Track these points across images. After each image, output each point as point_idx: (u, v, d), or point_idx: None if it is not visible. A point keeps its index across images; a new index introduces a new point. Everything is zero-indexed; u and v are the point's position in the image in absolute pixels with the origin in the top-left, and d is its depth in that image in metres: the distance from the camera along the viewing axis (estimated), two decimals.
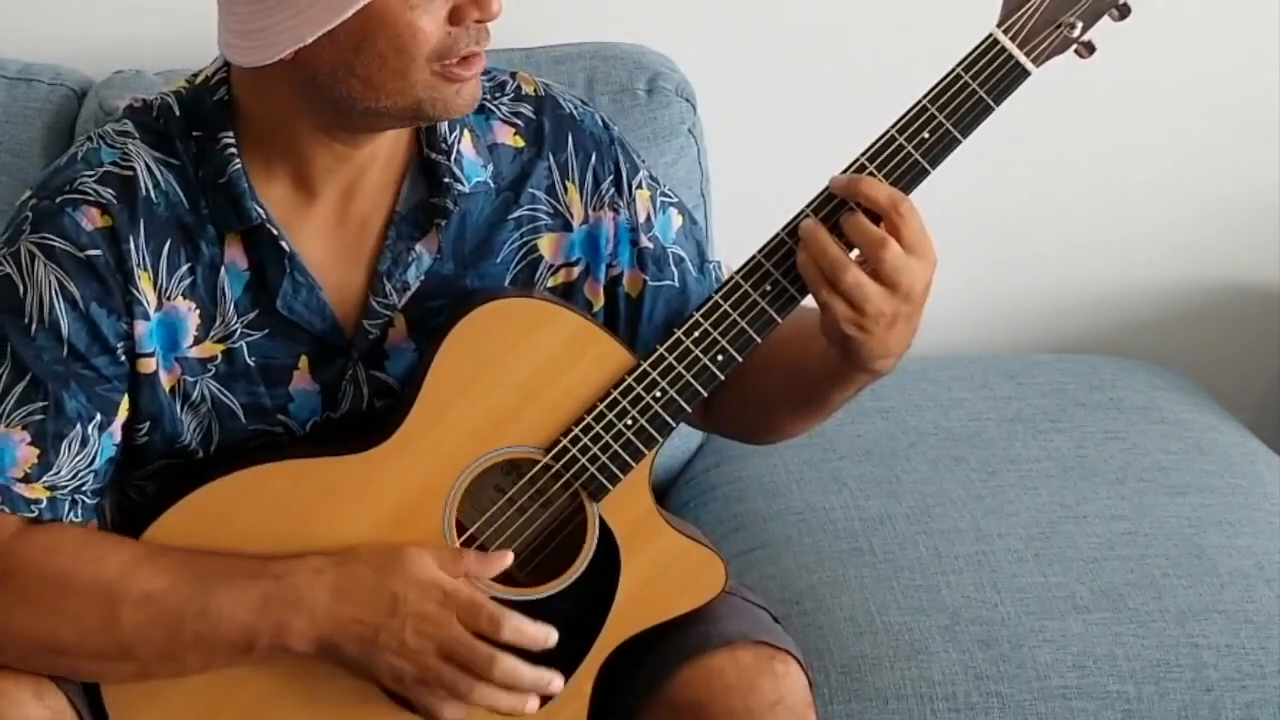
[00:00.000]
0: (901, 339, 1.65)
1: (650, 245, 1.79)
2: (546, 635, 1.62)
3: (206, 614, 1.60)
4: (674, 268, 1.81)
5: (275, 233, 1.66)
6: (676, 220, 1.83)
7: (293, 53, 1.57)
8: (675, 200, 1.84)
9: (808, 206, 1.63)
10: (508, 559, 1.65)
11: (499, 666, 1.60)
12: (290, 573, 1.61)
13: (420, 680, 1.61)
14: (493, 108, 1.75)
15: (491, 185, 1.73)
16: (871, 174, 1.62)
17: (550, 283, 1.76)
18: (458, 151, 1.71)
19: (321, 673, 1.66)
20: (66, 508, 1.65)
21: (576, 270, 1.77)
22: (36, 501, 1.63)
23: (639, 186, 1.79)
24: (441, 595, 1.60)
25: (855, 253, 1.62)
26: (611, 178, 1.77)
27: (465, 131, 1.73)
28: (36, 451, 1.63)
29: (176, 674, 1.64)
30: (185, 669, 1.63)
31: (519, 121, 1.76)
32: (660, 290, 1.80)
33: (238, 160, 1.65)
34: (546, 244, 1.75)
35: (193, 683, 1.65)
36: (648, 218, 1.79)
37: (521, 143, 1.75)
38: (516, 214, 1.75)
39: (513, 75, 1.79)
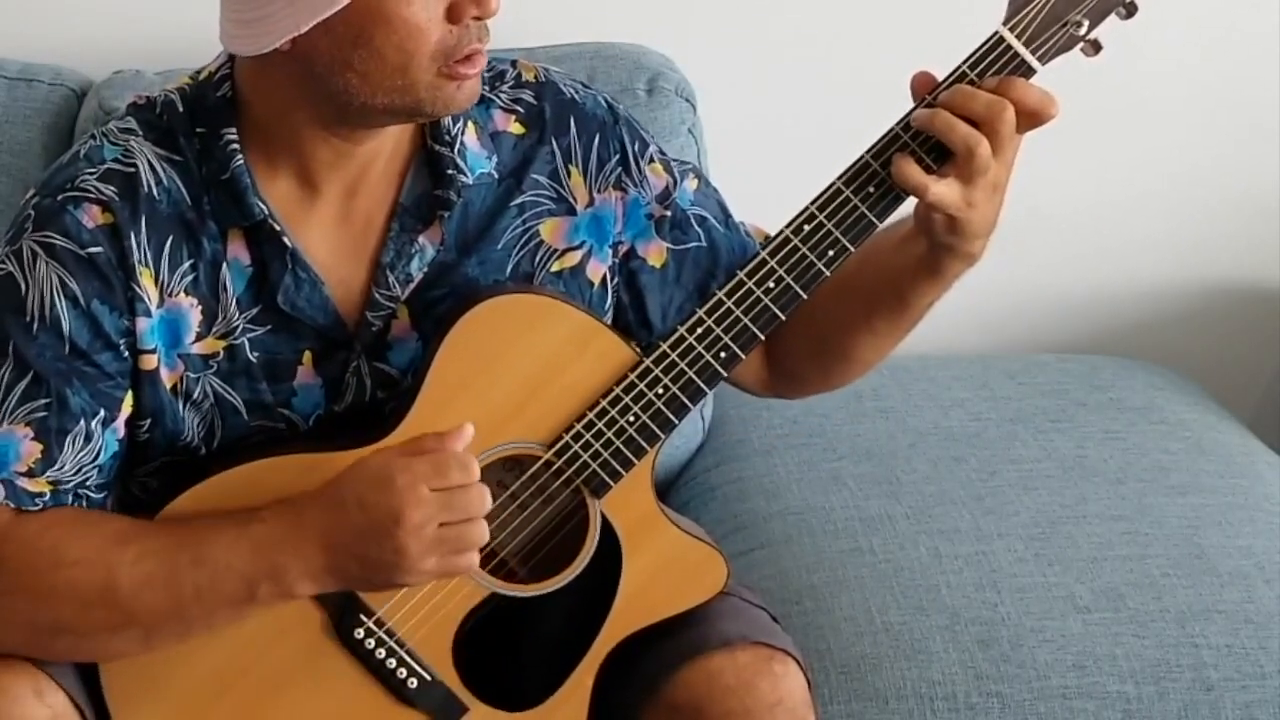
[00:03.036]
0: (997, 211, 1.66)
1: (670, 213, 1.79)
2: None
3: (202, 562, 1.59)
4: (698, 228, 1.81)
5: (277, 229, 1.66)
6: (692, 184, 1.83)
7: (290, 43, 1.57)
8: (690, 166, 1.84)
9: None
10: (469, 430, 1.60)
11: (485, 497, 1.58)
12: (276, 515, 1.61)
13: (439, 554, 1.58)
14: (493, 97, 1.75)
15: (494, 175, 1.74)
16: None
17: (554, 267, 1.76)
18: (461, 143, 1.71)
19: (322, 668, 1.66)
20: (69, 502, 1.65)
21: (579, 254, 1.77)
22: (40, 495, 1.63)
23: (650, 161, 1.79)
24: (406, 478, 1.56)
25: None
26: (618, 157, 1.77)
27: (469, 123, 1.73)
28: (40, 447, 1.63)
29: (182, 635, 1.62)
30: (190, 626, 1.62)
31: (519, 108, 1.76)
32: (687, 254, 1.80)
33: (240, 156, 1.65)
34: (548, 229, 1.75)
35: (193, 676, 1.65)
36: (666, 188, 1.79)
37: (522, 129, 1.76)
38: (519, 200, 1.75)
39: (513, 63, 1.79)
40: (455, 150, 1.71)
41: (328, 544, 1.59)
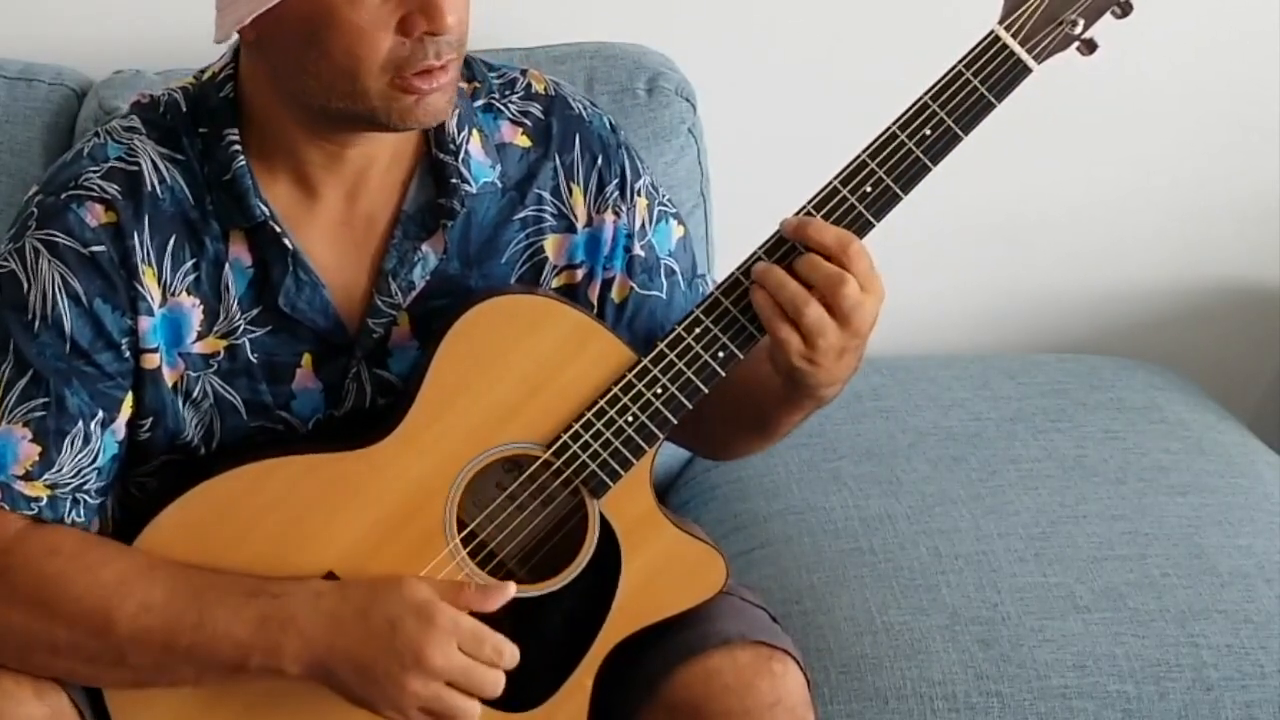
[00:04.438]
0: (848, 368, 1.67)
1: (642, 254, 1.79)
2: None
3: (202, 627, 1.60)
4: (664, 279, 1.81)
5: (278, 230, 1.66)
6: (677, 232, 1.83)
7: (257, 39, 1.58)
8: (674, 211, 1.84)
9: (760, 248, 1.64)
10: (510, 590, 1.64)
11: (499, 687, 1.61)
12: (288, 593, 1.61)
13: (424, 710, 1.60)
14: (501, 106, 1.75)
15: (498, 185, 1.73)
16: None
17: (555, 284, 1.76)
18: (465, 152, 1.71)
19: None
20: (68, 507, 1.65)
21: (580, 273, 1.77)
22: (36, 499, 1.63)
23: (639, 194, 1.79)
24: (447, 630, 1.59)
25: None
26: (617, 181, 1.77)
27: (474, 131, 1.72)
28: (38, 449, 1.63)
29: (169, 685, 1.64)
30: (178, 681, 1.63)
31: (527, 121, 1.76)
32: (646, 300, 1.80)
33: (242, 157, 1.65)
34: (551, 245, 1.75)
35: None
36: (642, 226, 1.79)
37: (529, 142, 1.75)
38: (522, 214, 1.75)
39: (523, 73, 1.79)
40: (459, 159, 1.70)
41: (334, 638, 1.59)
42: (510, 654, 1.61)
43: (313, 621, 1.60)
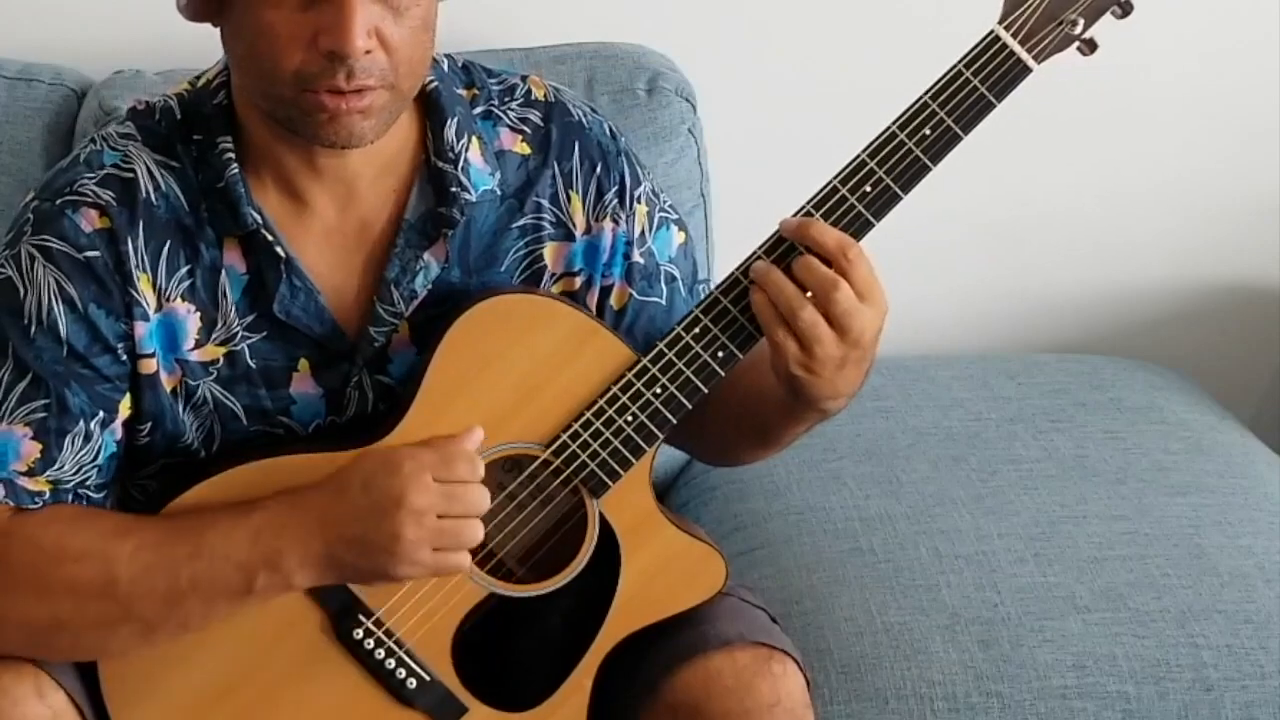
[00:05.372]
0: (851, 382, 1.66)
1: (642, 260, 1.79)
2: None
3: (200, 553, 1.59)
4: (664, 285, 1.80)
5: (270, 238, 1.66)
6: (678, 238, 1.83)
7: (219, 26, 1.60)
8: (676, 217, 1.83)
9: (760, 248, 1.64)
10: (478, 433, 1.62)
11: (485, 497, 1.60)
12: (276, 501, 1.61)
13: (434, 546, 1.59)
14: (500, 113, 1.75)
15: (497, 192, 1.73)
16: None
17: (554, 291, 1.76)
18: (465, 160, 1.71)
19: (321, 668, 1.66)
20: (69, 501, 1.65)
21: (579, 280, 1.77)
22: (39, 494, 1.64)
23: (639, 201, 1.78)
24: (412, 465, 1.58)
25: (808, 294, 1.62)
26: (616, 188, 1.77)
27: (473, 139, 1.72)
28: (39, 447, 1.63)
29: (180, 628, 1.62)
30: (188, 620, 1.62)
31: (526, 128, 1.75)
32: (646, 306, 1.79)
33: (235, 165, 1.65)
34: (550, 252, 1.75)
35: (193, 677, 1.65)
36: (642, 233, 1.79)
37: (528, 149, 1.75)
38: (521, 222, 1.74)
39: (523, 79, 1.78)
40: (459, 167, 1.70)
41: (326, 526, 1.59)
42: (478, 464, 1.59)
43: (303, 521, 1.60)
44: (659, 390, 1.66)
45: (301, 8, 1.54)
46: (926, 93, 1.63)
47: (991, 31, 1.62)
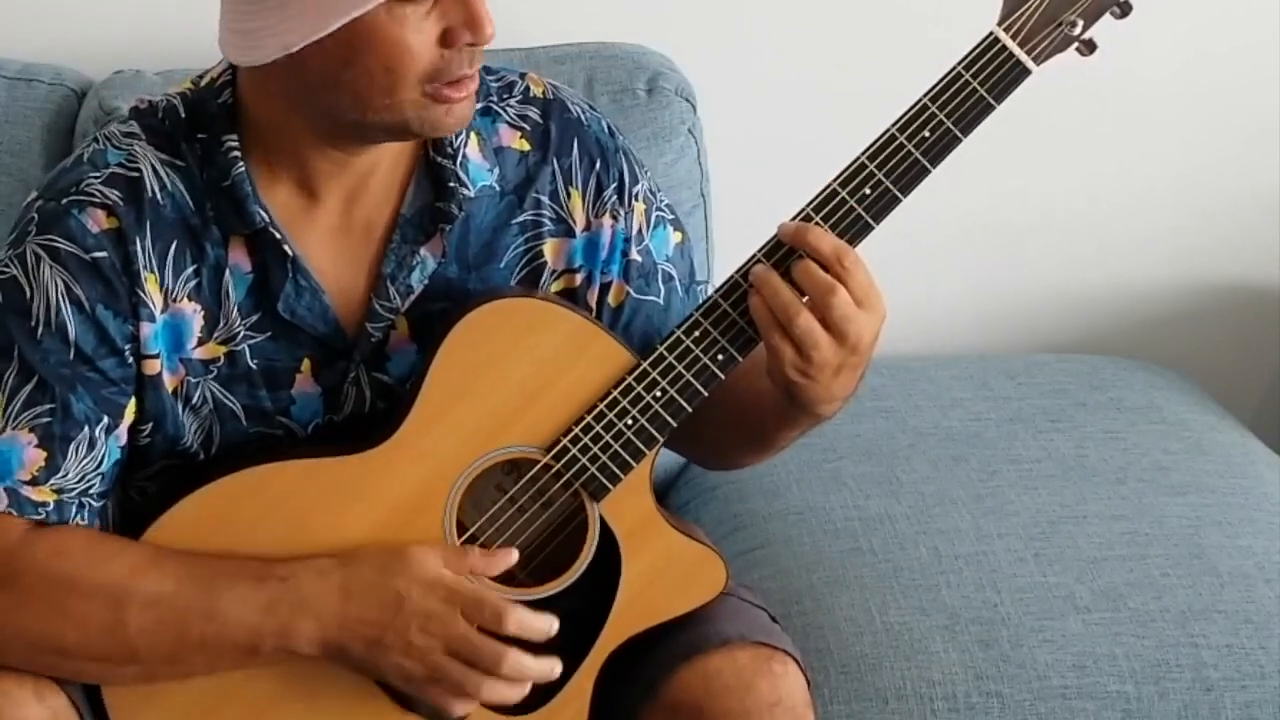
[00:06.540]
0: (846, 386, 1.66)
1: (639, 259, 1.79)
2: (550, 625, 1.62)
3: (213, 616, 1.60)
4: (661, 285, 1.80)
5: (278, 236, 1.66)
6: (675, 237, 1.82)
7: (285, 57, 1.57)
8: (672, 217, 1.83)
9: (759, 251, 1.64)
10: (512, 556, 1.65)
11: (507, 662, 1.60)
12: (295, 574, 1.61)
13: (430, 679, 1.61)
14: (499, 110, 1.75)
15: (496, 189, 1.73)
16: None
17: (554, 288, 1.76)
18: (463, 155, 1.71)
19: (324, 673, 1.66)
20: (73, 511, 1.65)
21: (579, 277, 1.77)
22: (43, 504, 1.63)
23: (637, 198, 1.78)
24: (446, 592, 1.60)
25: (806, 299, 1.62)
26: (615, 185, 1.77)
27: (472, 135, 1.72)
28: (44, 454, 1.63)
29: (181, 676, 1.64)
30: (190, 671, 1.63)
31: (525, 125, 1.75)
32: (643, 304, 1.79)
33: (241, 163, 1.65)
34: (550, 249, 1.75)
35: (194, 683, 1.65)
36: (639, 231, 1.79)
37: (527, 146, 1.75)
38: (520, 218, 1.74)
39: (522, 76, 1.78)
40: (457, 163, 1.70)
41: (345, 620, 1.60)
42: (515, 620, 1.60)
43: (323, 601, 1.60)
44: (659, 394, 1.66)
45: (425, 15, 1.55)
46: (926, 95, 1.63)
47: (990, 33, 1.62)
